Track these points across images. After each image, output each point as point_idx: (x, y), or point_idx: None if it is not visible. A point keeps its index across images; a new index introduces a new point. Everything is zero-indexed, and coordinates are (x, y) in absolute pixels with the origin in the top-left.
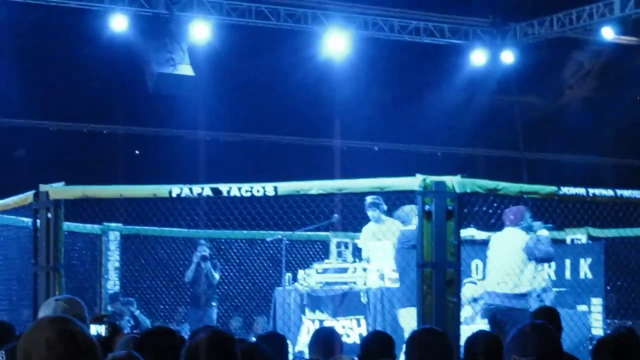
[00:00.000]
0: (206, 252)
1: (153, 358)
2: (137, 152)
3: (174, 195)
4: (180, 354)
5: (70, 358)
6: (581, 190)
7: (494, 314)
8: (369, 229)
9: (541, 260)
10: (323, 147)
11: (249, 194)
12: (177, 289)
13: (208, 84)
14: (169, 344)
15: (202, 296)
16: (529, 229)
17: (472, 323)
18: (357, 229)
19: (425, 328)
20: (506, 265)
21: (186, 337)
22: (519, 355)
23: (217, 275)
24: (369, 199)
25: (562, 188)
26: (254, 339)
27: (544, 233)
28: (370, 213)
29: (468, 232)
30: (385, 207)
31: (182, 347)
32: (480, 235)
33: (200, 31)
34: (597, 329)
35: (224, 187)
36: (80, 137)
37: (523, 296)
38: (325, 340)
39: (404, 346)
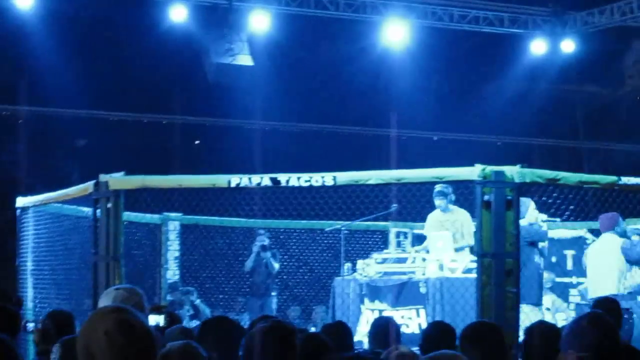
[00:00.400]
0: (265, 241)
1: (212, 347)
2: (196, 142)
3: (233, 185)
4: (240, 343)
5: (128, 348)
6: None
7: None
8: (434, 217)
9: (636, 262)
10: (382, 137)
11: (307, 184)
12: (237, 278)
13: (267, 74)
14: (228, 332)
15: (262, 285)
16: (623, 234)
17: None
18: (416, 219)
19: (480, 321)
20: (614, 267)
21: (245, 326)
22: (576, 350)
23: (276, 265)
24: (437, 187)
25: (622, 178)
26: (313, 328)
27: (635, 238)
28: (437, 201)
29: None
30: (453, 196)
31: (241, 337)
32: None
33: (260, 21)
34: None
35: (283, 177)
36: (140, 127)
37: (631, 295)
38: (383, 330)
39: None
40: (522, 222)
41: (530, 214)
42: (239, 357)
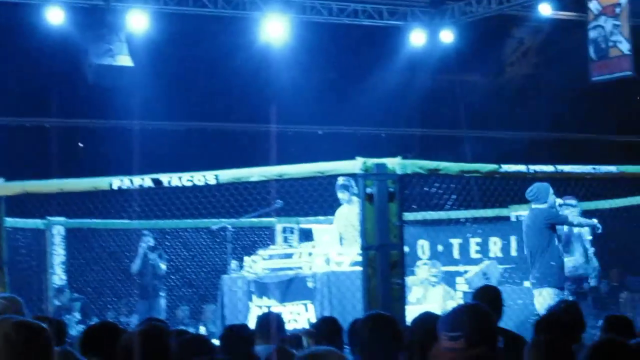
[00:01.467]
0: (151, 242)
1: (95, 352)
2: (80, 144)
3: (114, 187)
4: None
5: (28, 348)
6: (522, 167)
7: None
8: (341, 211)
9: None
10: (268, 133)
11: (190, 184)
12: (125, 281)
13: (148, 73)
14: (110, 337)
15: (149, 287)
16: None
17: (424, 302)
18: (300, 213)
19: (373, 314)
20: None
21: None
22: (447, 331)
23: (163, 266)
24: (340, 180)
25: (502, 165)
26: (202, 328)
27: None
28: (340, 195)
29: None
30: (356, 189)
31: None
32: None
33: (138, 21)
34: None
35: (164, 178)
36: (20, 131)
37: None
38: (264, 325)
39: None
40: (543, 206)
41: (551, 198)
42: None
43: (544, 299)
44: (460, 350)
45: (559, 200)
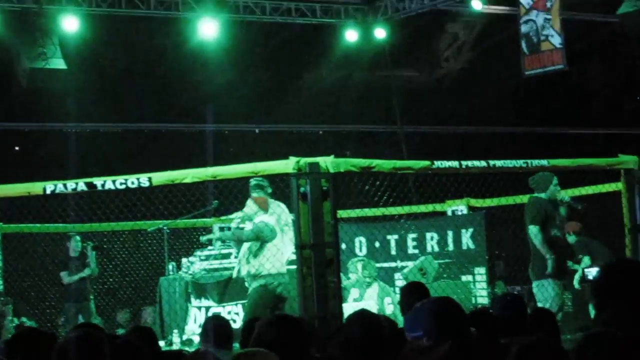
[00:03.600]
0: (79, 245)
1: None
2: (16, 148)
3: (48, 192)
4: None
5: None
6: (454, 163)
7: None
8: (250, 208)
9: None
10: (204, 133)
11: (123, 186)
12: (59, 285)
13: (81, 76)
14: (36, 344)
15: (78, 290)
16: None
17: (362, 301)
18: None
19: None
20: None
21: None
22: (409, 332)
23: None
24: (253, 181)
25: (435, 162)
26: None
27: None
28: (255, 195)
29: None
30: (270, 189)
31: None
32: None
33: (71, 23)
34: (483, 298)
35: (98, 181)
36: None
37: None
38: (212, 329)
39: None
40: (541, 196)
41: (552, 189)
42: None
43: (538, 290)
44: (426, 349)
45: (565, 197)
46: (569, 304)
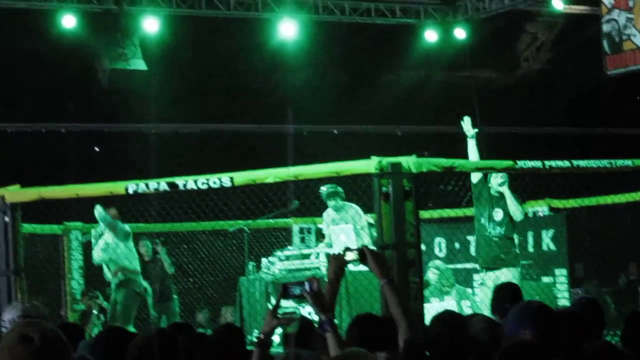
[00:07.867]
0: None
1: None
2: (96, 149)
3: (130, 192)
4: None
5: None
6: (537, 163)
7: None
8: (329, 215)
9: None
10: (284, 134)
11: (205, 186)
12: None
13: (162, 76)
14: (120, 343)
15: (161, 290)
16: None
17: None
18: (316, 214)
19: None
20: None
21: None
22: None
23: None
24: (326, 190)
25: (518, 162)
26: None
27: None
28: (329, 203)
29: None
30: (343, 194)
31: None
32: None
33: (151, 24)
34: (564, 300)
35: (180, 181)
36: (36, 137)
37: None
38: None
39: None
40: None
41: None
42: None
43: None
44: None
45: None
46: None
